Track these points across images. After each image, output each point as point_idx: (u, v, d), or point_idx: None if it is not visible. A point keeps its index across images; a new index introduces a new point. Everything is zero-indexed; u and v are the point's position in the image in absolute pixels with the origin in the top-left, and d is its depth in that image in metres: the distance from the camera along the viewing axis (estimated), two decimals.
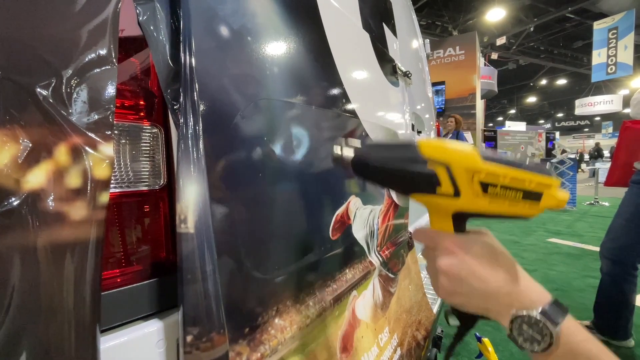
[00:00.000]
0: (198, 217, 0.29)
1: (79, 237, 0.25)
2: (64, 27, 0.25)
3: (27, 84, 0.23)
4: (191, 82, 0.31)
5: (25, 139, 0.23)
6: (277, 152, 0.45)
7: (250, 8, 0.41)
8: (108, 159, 0.26)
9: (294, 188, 0.49)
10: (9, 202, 0.22)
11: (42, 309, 0.23)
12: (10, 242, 0.23)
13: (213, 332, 0.30)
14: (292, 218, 0.49)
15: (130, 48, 0.30)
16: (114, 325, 0.28)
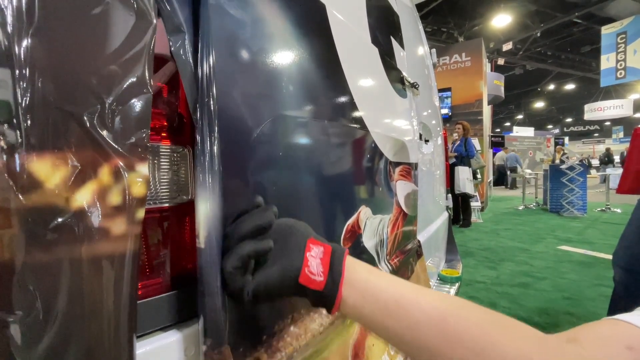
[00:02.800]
0: (208, 234, 0.31)
1: (118, 250, 0.27)
2: (106, 59, 0.28)
3: (75, 112, 0.26)
4: (215, 104, 0.33)
5: (73, 161, 0.26)
6: (292, 167, 0.47)
7: (267, 32, 0.44)
8: (144, 178, 0.28)
9: (308, 200, 0.51)
10: (59, 218, 0.25)
11: (86, 315, 0.26)
12: (59, 254, 0.25)
13: (222, 344, 0.32)
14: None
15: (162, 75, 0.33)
16: (144, 333, 0.31)
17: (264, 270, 0.33)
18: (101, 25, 0.28)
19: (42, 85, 0.25)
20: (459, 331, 0.30)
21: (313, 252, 0.33)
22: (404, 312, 0.31)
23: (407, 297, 0.32)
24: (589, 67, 13.74)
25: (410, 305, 0.32)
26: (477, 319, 0.31)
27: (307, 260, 0.33)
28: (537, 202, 6.96)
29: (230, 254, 0.32)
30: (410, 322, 0.31)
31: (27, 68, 0.24)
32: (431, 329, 0.30)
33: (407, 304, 0.32)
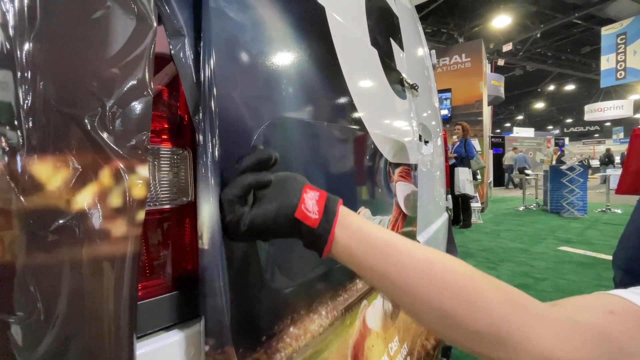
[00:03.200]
0: (211, 235, 0.31)
1: (118, 251, 0.27)
2: (107, 62, 0.28)
3: (76, 115, 0.26)
4: (215, 107, 0.34)
5: (74, 163, 0.26)
6: (291, 168, 0.47)
7: (267, 35, 0.44)
8: (144, 180, 0.29)
9: None
10: (60, 220, 0.25)
11: (87, 317, 0.26)
12: (60, 256, 0.25)
13: (226, 344, 0.32)
14: None
15: (162, 78, 0.33)
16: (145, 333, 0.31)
17: (262, 203, 0.34)
18: (102, 28, 0.28)
19: (44, 88, 0.25)
20: (445, 276, 0.31)
21: (309, 195, 0.35)
22: (394, 253, 0.32)
23: (397, 242, 0.34)
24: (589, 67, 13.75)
25: (399, 247, 0.33)
26: (464, 269, 0.31)
27: (303, 199, 0.34)
28: (537, 203, 6.96)
29: (231, 184, 0.33)
30: (399, 262, 0.32)
31: (28, 71, 0.25)
32: (417, 271, 0.31)
33: (396, 246, 0.33)
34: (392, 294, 0.33)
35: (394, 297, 0.33)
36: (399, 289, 0.32)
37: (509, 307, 0.29)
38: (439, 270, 0.31)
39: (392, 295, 0.33)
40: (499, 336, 0.28)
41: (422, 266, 0.32)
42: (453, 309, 0.29)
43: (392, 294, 0.33)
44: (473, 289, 0.30)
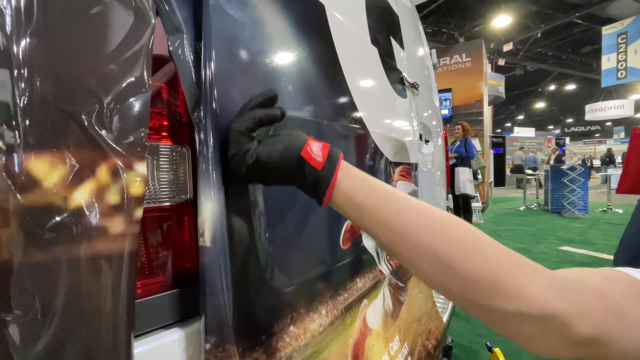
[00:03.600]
0: (214, 232, 0.31)
1: (116, 249, 0.27)
2: (105, 58, 0.28)
3: (73, 112, 0.26)
4: (213, 103, 0.33)
5: (71, 160, 0.26)
6: None
7: (266, 32, 0.44)
8: (142, 177, 0.28)
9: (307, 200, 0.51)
10: (57, 217, 0.25)
11: (84, 315, 0.26)
12: (57, 253, 0.25)
13: (229, 342, 0.32)
14: (306, 229, 0.51)
15: (161, 75, 0.33)
16: (144, 332, 0.30)
17: (269, 141, 0.35)
18: (99, 24, 0.28)
19: (40, 85, 0.25)
20: (444, 222, 0.31)
21: (314, 143, 0.35)
22: (394, 200, 0.33)
23: (397, 192, 0.35)
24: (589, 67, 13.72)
25: (400, 195, 0.34)
26: (463, 221, 0.32)
27: (309, 143, 0.35)
28: (538, 203, 6.94)
29: (242, 117, 0.34)
30: (399, 207, 0.32)
31: (25, 67, 0.24)
32: (417, 215, 0.32)
33: (397, 194, 0.34)
34: (390, 240, 0.32)
35: (391, 244, 0.33)
36: (398, 234, 0.32)
37: (507, 256, 0.29)
38: (438, 217, 0.32)
39: (390, 242, 0.33)
40: (495, 283, 0.28)
41: (421, 211, 0.32)
42: (451, 254, 0.29)
43: (390, 241, 0.33)
44: (471, 235, 0.30)
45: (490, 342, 1.27)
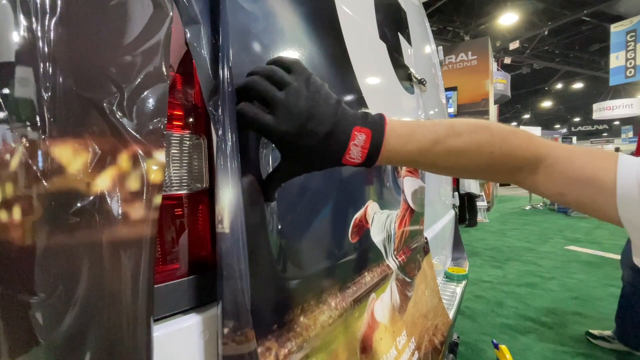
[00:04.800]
0: (233, 219, 0.32)
1: (136, 235, 0.27)
2: (125, 49, 0.28)
3: (95, 99, 0.27)
4: (229, 94, 0.34)
5: (94, 147, 0.26)
6: None
7: (279, 25, 0.44)
8: (160, 165, 0.29)
9: (317, 193, 0.52)
10: (80, 202, 0.26)
11: (105, 298, 0.26)
12: (80, 238, 0.26)
13: (247, 326, 0.33)
14: (316, 221, 0.51)
15: (179, 65, 0.33)
16: (162, 317, 0.31)
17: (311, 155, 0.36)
18: (120, 16, 0.28)
19: (64, 74, 0.26)
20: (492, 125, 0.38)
21: (356, 141, 0.36)
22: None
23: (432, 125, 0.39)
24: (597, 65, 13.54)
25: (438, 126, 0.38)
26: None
27: (349, 151, 0.36)
28: (544, 202, 6.88)
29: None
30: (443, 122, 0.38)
31: (50, 58, 0.25)
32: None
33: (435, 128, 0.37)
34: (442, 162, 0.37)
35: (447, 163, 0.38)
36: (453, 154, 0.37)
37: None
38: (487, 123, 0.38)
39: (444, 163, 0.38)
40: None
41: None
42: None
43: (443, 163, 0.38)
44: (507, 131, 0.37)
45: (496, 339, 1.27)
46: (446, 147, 0.36)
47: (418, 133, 0.37)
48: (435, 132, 0.37)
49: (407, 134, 0.37)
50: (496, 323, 1.95)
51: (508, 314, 2.06)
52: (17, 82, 0.25)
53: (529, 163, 0.37)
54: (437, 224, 1.41)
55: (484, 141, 0.36)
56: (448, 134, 0.36)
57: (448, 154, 0.36)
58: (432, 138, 0.36)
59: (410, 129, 0.37)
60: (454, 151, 0.36)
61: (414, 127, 0.38)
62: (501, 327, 1.90)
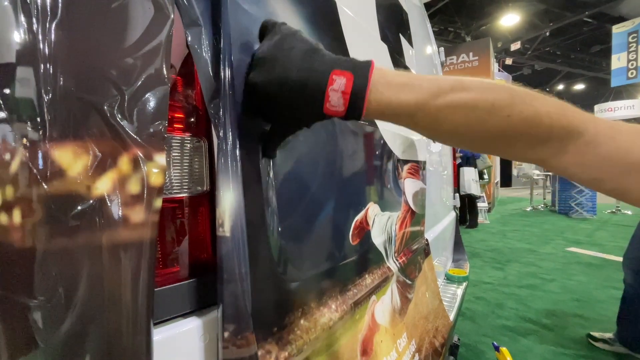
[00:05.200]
0: (234, 222, 0.32)
1: (136, 238, 0.27)
2: (126, 52, 0.28)
3: (96, 102, 0.26)
4: (230, 97, 0.34)
5: (94, 150, 0.26)
6: (303, 161, 0.47)
7: None
8: (161, 168, 0.29)
9: (319, 193, 0.52)
10: (80, 205, 0.25)
11: (105, 302, 0.26)
12: (80, 241, 0.26)
13: (248, 329, 0.32)
14: (316, 224, 0.51)
15: (180, 68, 0.33)
16: (162, 320, 0.31)
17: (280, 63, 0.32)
18: (121, 18, 0.28)
19: (64, 76, 0.25)
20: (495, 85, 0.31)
21: (335, 85, 0.31)
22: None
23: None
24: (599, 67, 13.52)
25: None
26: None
27: (328, 98, 0.32)
28: (545, 204, 6.87)
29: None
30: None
31: (51, 60, 0.25)
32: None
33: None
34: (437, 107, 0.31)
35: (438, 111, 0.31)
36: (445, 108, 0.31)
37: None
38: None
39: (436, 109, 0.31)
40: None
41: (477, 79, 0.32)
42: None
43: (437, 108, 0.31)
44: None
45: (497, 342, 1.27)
46: (450, 101, 0.30)
47: (416, 83, 0.31)
48: (437, 84, 0.31)
49: (401, 83, 0.31)
50: (497, 325, 1.94)
51: (509, 315, 2.06)
52: (18, 84, 0.25)
53: (558, 137, 0.30)
54: (438, 226, 1.41)
55: (499, 100, 0.30)
56: (454, 87, 0.30)
57: (453, 110, 0.30)
58: (433, 90, 0.30)
59: (407, 79, 0.32)
60: (460, 107, 0.30)
61: (412, 77, 0.32)
62: (502, 328, 1.90)
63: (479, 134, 0.31)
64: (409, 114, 0.31)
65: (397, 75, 0.32)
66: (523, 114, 0.30)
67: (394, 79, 0.32)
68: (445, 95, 0.30)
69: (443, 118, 0.31)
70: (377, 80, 0.31)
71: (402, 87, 0.31)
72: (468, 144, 0.34)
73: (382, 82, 0.31)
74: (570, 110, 0.31)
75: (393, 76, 0.32)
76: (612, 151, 0.29)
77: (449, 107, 0.30)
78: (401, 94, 0.31)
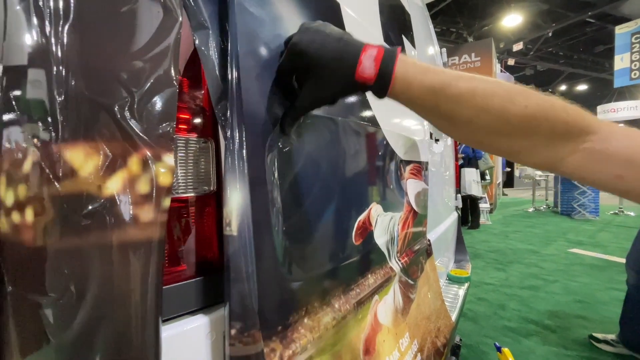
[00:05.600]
0: (241, 221, 0.32)
1: (145, 237, 0.28)
2: (135, 54, 0.29)
3: (107, 104, 0.27)
4: (237, 98, 0.34)
5: (104, 150, 0.27)
6: (308, 162, 0.48)
7: (286, 29, 0.44)
8: (169, 168, 0.29)
9: (322, 193, 0.52)
10: (91, 205, 0.26)
11: (115, 299, 0.27)
12: (91, 239, 0.26)
13: (254, 327, 0.33)
14: (320, 224, 0.52)
15: (187, 70, 0.34)
16: (170, 317, 0.32)
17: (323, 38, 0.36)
18: (131, 22, 0.29)
19: (76, 79, 0.26)
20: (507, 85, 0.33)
21: (366, 59, 0.35)
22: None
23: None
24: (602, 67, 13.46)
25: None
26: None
27: (361, 62, 0.35)
28: (547, 205, 6.85)
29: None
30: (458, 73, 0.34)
31: (63, 63, 0.26)
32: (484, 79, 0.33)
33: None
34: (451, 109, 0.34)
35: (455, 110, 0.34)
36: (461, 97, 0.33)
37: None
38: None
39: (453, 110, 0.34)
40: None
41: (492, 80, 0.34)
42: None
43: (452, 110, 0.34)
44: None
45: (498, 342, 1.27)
46: (471, 85, 0.32)
47: (438, 69, 0.34)
48: (458, 73, 0.34)
49: (426, 66, 0.35)
50: (499, 326, 1.94)
51: (511, 316, 2.06)
52: (31, 86, 0.26)
53: (573, 132, 0.31)
54: (440, 226, 1.41)
55: (516, 92, 0.31)
56: (473, 76, 0.33)
57: (473, 94, 0.32)
58: (455, 75, 0.33)
59: (431, 66, 0.35)
60: (480, 92, 0.32)
61: (434, 66, 0.35)
62: (504, 329, 1.89)
63: (499, 123, 0.32)
64: (433, 92, 0.33)
65: (419, 61, 0.36)
66: (540, 106, 0.30)
67: (419, 63, 0.35)
68: (466, 80, 0.33)
69: (464, 101, 0.32)
70: (404, 59, 0.35)
71: (426, 69, 0.34)
72: (487, 135, 0.34)
73: (409, 61, 0.35)
74: (583, 111, 0.32)
75: (418, 61, 0.35)
76: (632, 147, 0.29)
77: (469, 91, 0.32)
78: (426, 74, 0.34)
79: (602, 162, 0.30)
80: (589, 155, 0.31)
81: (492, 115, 0.32)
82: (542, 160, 0.33)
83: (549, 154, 0.32)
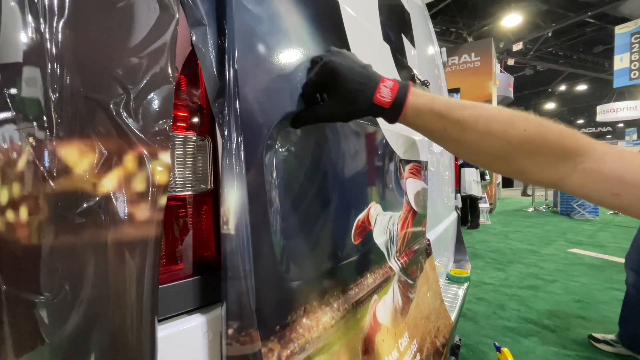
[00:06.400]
0: (238, 220, 0.32)
1: (141, 235, 0.28)
2: (131, 50, 0.28)
3: (102, 101, 0.27)
4: (234, 96, 0.34)
5: (100, 148, 0.26)
6: (306, 161, 0.48)
7: (284, 26, 0.44)
8: (166, 166, 0.29)
9: (321, 192, 0.52)
10: (86, 203, 0.26)
11: (110, 298, 0.26)
12: (86, 238, 0.26)
13: (252, 327, 0.33)
14: (318, 223, 0.51)
15: (184, 67, 0.33)
16: (166, 317, 0.31)
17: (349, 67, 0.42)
18: (127, 18, 0.29)
19: (71, 76, 0.26)
20: (519, 114, 0.36)
21: (384, 88, 0.41)
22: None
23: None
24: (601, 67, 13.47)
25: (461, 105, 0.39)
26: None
27: (379, 90, 0.41)
28: (547, 205, 6.85)
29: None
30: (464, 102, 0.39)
31: (57, 59, 0.25)
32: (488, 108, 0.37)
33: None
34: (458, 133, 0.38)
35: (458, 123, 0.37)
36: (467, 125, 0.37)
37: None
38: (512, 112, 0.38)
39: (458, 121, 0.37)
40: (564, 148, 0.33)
41: (496, 108, 0.38)
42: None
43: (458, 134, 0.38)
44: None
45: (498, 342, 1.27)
46: (473, 113, 0.36)
47: (444, 98, 0.39)
48: (462, 102, 0.38)
49: (433, 96, 0.40)
50: (498, 326, 1.94)
51: (510, 316, 2.05)
52: (25, 83, 0.26)
53: (570, 153, 0.33)
54: (440, 226, 1.40)
55: (516, 116, 0.35)
56: (475, 104, 0.37)
57: (476, 120, 0.36)
58: (459, 103, 0.38)
59: (435, 95, 0.40)
60: (482, 118, 0.36)
61: (439, 95, 0.41)
62: (503, 329, 1.89)
63: (501, 145, 0.35)
64: (440, 118, 0.38)
65: (429, 92, 0.41)
66: (538, 129, 0.34)
67: (428, 93, 0.40)
68: (470, 107, 0.37)
69: (469, 125, 0.36)
70: (415, 91, 0.40)
71: (434, 98, 0.39)
72: (492, 157, 0.37)
73: (418, 93, 0.40)
74: (578, 133, 0.34)
75: (427, 92, 0.41)
76: (626, 166, 0.32)
77: (473, 116, 0.36)
78: (434, 102, 0.39)
79: (598, 181, 0.32)
80: (587, 175, 0.33)
81: (495, 138, 0.35)
82: (546, 179, 0.36)
83: (552, 174, 0.35)
